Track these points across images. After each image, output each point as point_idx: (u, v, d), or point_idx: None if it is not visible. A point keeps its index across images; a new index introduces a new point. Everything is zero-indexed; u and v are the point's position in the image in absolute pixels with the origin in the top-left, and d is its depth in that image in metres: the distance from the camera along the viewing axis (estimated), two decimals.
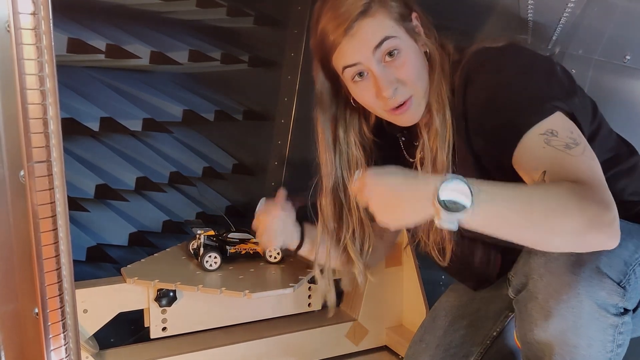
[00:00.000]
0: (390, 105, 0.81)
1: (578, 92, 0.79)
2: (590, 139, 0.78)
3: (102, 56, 1.33)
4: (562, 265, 0.68)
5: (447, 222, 0.61)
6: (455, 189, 0.60)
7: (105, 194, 1.39)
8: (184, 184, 1.50)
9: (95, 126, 1.35)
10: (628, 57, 1.05)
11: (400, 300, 1.33)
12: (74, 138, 1.33)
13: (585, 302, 0.67)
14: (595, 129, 0.81)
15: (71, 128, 1.31)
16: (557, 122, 0.71)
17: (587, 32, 1.05)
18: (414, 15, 0.82)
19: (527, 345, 0.75)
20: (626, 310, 0.70)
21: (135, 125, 1.41)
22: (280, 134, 1.61)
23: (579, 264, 0.67)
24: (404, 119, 0.84)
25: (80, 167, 1.35)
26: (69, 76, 1.30)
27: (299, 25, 1.53)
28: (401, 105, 0.81)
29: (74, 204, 1.35)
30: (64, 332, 0.54)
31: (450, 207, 0.60)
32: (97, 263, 1.39)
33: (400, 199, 0.66)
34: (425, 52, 0.83)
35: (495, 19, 1.13)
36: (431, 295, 1.26)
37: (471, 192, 0.60)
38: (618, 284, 0.68)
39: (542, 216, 0.62)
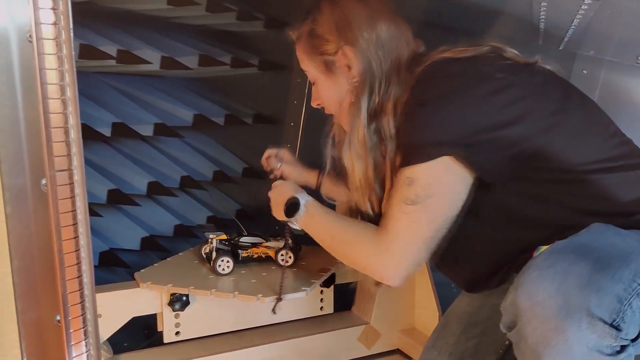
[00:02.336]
0: None
1: (542, 111, 0.77)
2: (571, 151, 0.77)
3: (113, 62, 1.34)
4: (550, 309, 0.64)
5: (292, 224, 0.95)
6: (289, 207, 0.94)
7: (117, 198, 1.39)
8: (195, 188, 1.50)
9: (107, 131, 1.36)
10: None
11: (412, 303, 1.33)
12: (86, 143, 1.32)
13: (575, 347, 0.63)
14: (579, 139, 0.79)
15: (83, 133, 1.30)
16: (425, 171, 0.77)
17: (599, 33, 1.05)
18: (339, 52, 0.88)
19: None
20: (623, 348, 0.64)
21: (147, 130, 1.42)
22: (289, 137, 1.61)
23: (568, 306, 0.63)
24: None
25: (92, 172, 1.36)
26: (81, 82, 1.28)
27: None
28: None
29: None
30: (85, 340, 0.54)
31: (289, 213, 0.94)
32: (110, 267, 1.40)
33: (274, 205, 0.99)
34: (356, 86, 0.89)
35: (507, 20, 1.13)
36: (443, 298, 1.26)
37: (297, 212, 0.93)
38: (611, 324, 0.63)
39: (337, 243, 0.90)
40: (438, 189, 0.78)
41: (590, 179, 0.77)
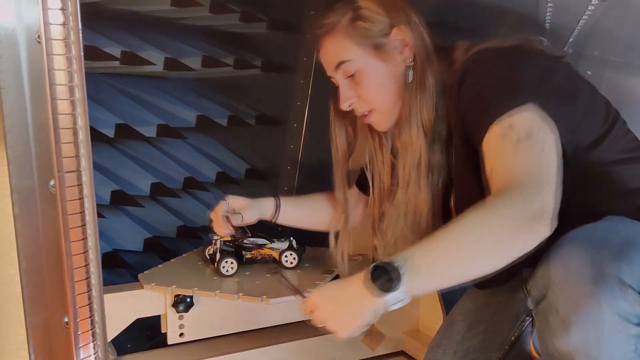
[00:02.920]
0: (355, 113, 0.93)
1: (581, 99, 0.79)
2: (598, 141, 0.79)
3: (117, 63, 1.34)
4: (582, 277, 0.66)
5: (395, 303, 0.69)
6: (384, 276, 0.67)
7: (121, 200, 1.39)
8: (198, 190, 1.50)
9: (110, 132, 1.36)
10: None
11: (417, 304, 1.33)
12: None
13: (607, 313, 0.65)
14: (605, 131, 0.81)
15: None
16: (522, 116, 0.71)
17: (604, 34, 1.05)
18: (394, 31, 0.87)
19: (548, 356, 0.73)
20: None
21: (150, 132, 1.41)
22: (293, 138, 1.60)
23: (600, 275, 0.66)
24: (374, 125, 0.94)
25: (95, 174, 1.33)
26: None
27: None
28: (364, 114, 0.92)
29: None
30: (93, 342, 0.54)
31: (386, 287, 0.67)
32: (113, 269, 1.39)
33: (347, 308, 0.73)
34: (409, 66, 0.87)
35: (513, 19, 1.13)
36: (448, 299, 1.26)
37: (398, 270, 0.66)
38: None
39: (471, 257, 0.68)
40: (543, 130, 0.71)
41: (613, 171, 0.78)
